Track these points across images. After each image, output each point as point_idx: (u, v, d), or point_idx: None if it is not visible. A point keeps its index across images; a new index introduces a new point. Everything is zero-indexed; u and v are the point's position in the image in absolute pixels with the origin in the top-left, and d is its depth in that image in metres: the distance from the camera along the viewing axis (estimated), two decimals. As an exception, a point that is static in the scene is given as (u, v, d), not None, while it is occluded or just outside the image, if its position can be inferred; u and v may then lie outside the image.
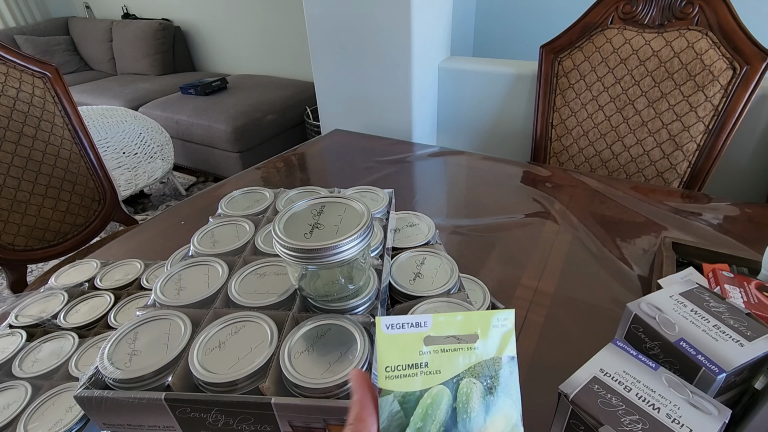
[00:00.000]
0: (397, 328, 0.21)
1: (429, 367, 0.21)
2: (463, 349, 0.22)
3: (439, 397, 0.21)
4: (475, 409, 0.21)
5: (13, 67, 0.91)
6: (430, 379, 0.21)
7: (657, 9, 0.87)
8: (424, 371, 0.21)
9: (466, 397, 0.21)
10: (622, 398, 0.27)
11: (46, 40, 2.84)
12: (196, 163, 2.25)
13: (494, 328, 0.22)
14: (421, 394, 0.21)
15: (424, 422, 0.20)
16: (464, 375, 0.21)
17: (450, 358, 0.21)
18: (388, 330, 0.21)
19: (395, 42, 1.14)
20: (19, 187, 0.92)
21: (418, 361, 0.21)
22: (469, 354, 0.22)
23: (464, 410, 0.21)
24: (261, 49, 2.57)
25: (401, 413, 0.20)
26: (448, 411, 0.21)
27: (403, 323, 0.21)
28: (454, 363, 0.21)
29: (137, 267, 0.55)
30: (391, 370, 0.21)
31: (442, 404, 0.21)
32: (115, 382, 0.30)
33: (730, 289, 0.43)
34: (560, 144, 1.04)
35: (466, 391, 0.21)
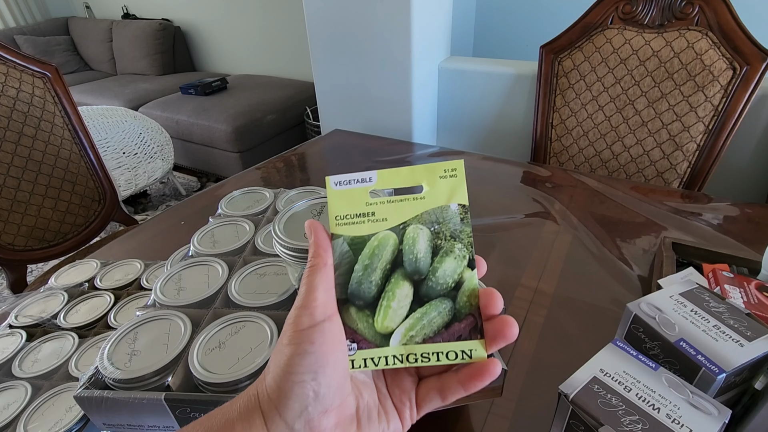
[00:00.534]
0: (345, 184, 0.23)
1: (375, 215, 0.23)
2: (409, 199, 0.23)
3: (385, 240, 0.23)
4: (421, 250, 0.23)
5: (13, 67, 0.91)
6: (376, 225, 0.23)
7: (657, 9, 0.87)
8: (371, 219, 0.23)
9: (412, 241, 0.23)
10: (622, 398, 0.27)
11: (46, 40, 2.84)
12: (196, 163, 2.24)
13: (441, 179, 0.23)
14: (369, 238, 0.23)
15: (371, 260, 0.23)
16: (411, 222, 0.23)
17: (396, 208, 0.23)
18: (336, 186, 0.23)
19: (395, 42, 1.14)
20: (19, 187, 0.92)
21: (365, 211, 0.23)
22: (416, 203, 0.23)
23: (410, 251, 0.23)
24: (261, 49, 2.57)
25: (350, 253, 0.23)
26: (394, 252, 0.23)
27: (350, 180, 0.23)
28: (401, 212, 0.23)
29: (137, 267, 0.55)
30: (340, 219, 0.23)
31: (388, 246, 0.23)
32: (115, 382, 0.30)
33: (730, 290, 0.43)
34: (560, 144, 1.04)
35: (412, 235, 0.23)
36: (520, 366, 0.45)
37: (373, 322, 0.22)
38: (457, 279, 0.22)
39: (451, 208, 0.23)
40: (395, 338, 0.22)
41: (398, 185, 0.23)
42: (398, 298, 0.22)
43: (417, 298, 0.22)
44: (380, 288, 0.22)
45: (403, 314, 0.22)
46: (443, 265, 0.22)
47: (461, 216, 0.23)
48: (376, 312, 0.22)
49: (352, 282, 0.22)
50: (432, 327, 0.22)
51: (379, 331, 0.22)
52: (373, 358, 0.22)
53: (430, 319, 0.22)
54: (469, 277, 0.22)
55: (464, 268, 0.22)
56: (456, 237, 0.23)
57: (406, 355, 0.22)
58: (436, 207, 0.23)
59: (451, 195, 0.23)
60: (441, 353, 0.22)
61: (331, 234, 0.23)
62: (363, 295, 0.22)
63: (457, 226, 0.23)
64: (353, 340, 0.22)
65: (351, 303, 0.22)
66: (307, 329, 0.20)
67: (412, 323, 0.22)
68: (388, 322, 0.22)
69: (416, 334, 0.22)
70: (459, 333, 0.22)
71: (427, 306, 0.22)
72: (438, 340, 0.22)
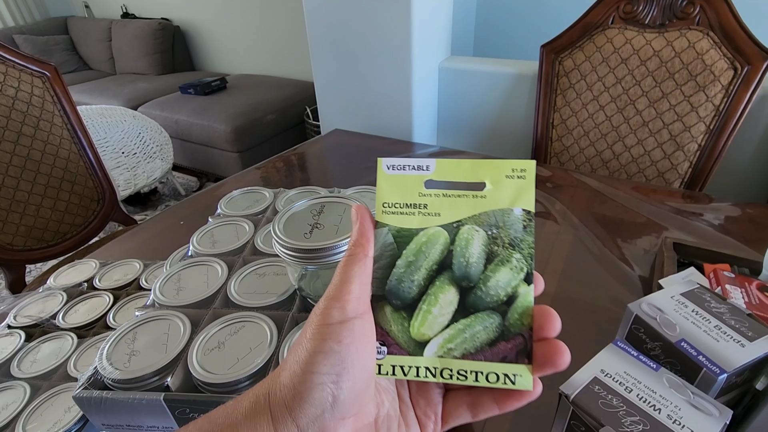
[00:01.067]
0: (398, 169, 0.21)
1: (428, 209, 0.21)
2: (468, 196, 0.21)
3: (435, 237, 0.21)
4: (474, 255, 0.20)
5: (12, 67, 0.90)
6: (427, 219, 0.21)
7: (658, 9, 0.86)
8: (422, 212, 0.21)
9: (465, 242, 0.21)
10: (622, 399, 0.27)
11: (45, 40, 2.84)
12: (196, 163, 2.24)
13: (508, 178, 0.21)
14: (417, 232, 0.21)
15: (416, 257, 0.21)
16: (467, 221, 0.21)
17: (452, 203, 0.21)
18: (388, 170, 0.21)
19: (395, 42, 1.14)
20: (18, 186, 0.92)
21: (416, 201, 0.21)
22: (475, 201, 0.21)
23: (461, 254, 0.21)
24: (261, 48, 2.57)
25: (394, 246, 0.21)
26: (443, 252, 0.21)
27: (405, 165, 0.21)
28: (457, 208, 0.21)
29: (136, 267, 0.55)
30: (388, 206, 0.21)
31: (438, 244, 0.21)
32: (114, 383, 0.30)
33: (731, 290, 0.43)
34: (561, 144, 1.03)
35: (466, 236, 0.21)
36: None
37: (408, 326, 0.20)
38: (510, 292, 0.20)
39: (515, 212, 0.21)
40: (431, 348, 0.20)
41: (458, 179, 0.21)
42: (441, 303, 0.20)
43: (462, 308, 0.20)
44: (422, 289, 0.20)
45: (444, 323, 0.20)
46: (497, 275, 0.20)
47: (524, 223, 0.20)
48: (413, 315, 0.20)
49: (392, 278, 0.20)
50: (474, 342, 0.20)
51: (414, 338, 0.20)
52: (403, 366, 0.20)
53: (473, 332, 0.20)
54: (525, 293, 0.20)
55: (520, 281, 0.20)
56: (515, 245, 0.20)
57: (441, 369, 0.20)
58: (497, 209, 0.21)
59: (516, 198, 0.21)
60: (480, 373, 0.19)
61: (375, 222, 0.21)
62: (402, 295, 0.20)
63: (518, 234, 0.20)
64: (384, 343, 0.20)
65: (387, 301, 0.20)
66: (335, 324, 0.18)
67: (453, 334, 0.20)
68: (426, 329, 0.20)
69: (455, 348, 0.20)
70: (504, 354, 0.19)
71: (473, 318, 0.20)
72: (479, 358, 0.20)
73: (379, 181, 0.21)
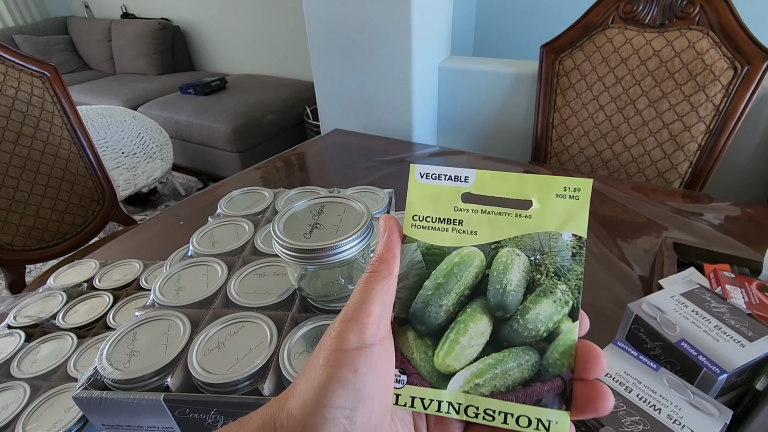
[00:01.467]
0: (433, 179, 0.19)
1: (464, 225, 0.19)
2: (510, 214, 0.19)
3: (469, 259, 0.19)
4: (512, 282, 0.18)
5: (12, 67, 0.90)
6: (463, 238, 0.19)
7: (658, 8, 0.86)
8: (457, 228, 0.19)
9: (503, 267, 0.18)
10: (623, 399, 0.27)
11: (45, 40, 2.84)
12: (196, 163, 2.24)
13: (558, 198, 0.18)
14: (450, 251, 0.19)
15: (447, 279, 0.19)
16: (507, 243, 0.19)
17: (491, 222, 0.19)
18: (422, 179, 0.19)
19: (395, 42, 1.14)
20: (18, 186, 0.92)
21: (451, 216, 0.19)
22: (518, 222, 0.19)
23: (498, 280, 0.18)
24: (260, 48, 2.57)
25: (422, 264, 0.19)
26: (477, 276, 0.19)
27: (441, 174, 0.19)
28: (497, 227, 0.19)
29: (136, 267, 0.54)
30: (418, 220, 0.19)
31: (472, 267, 0.19)
32: (114, 383, 0.30)
33: (732, 290, 0.43)
34: (561, 144, 1.03)
35: (504, 260, 0.18)
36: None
37: (433, 355, 0.18)
38: (551, 328, 0.18)
39: (563, 237, 0.18)
40: (456, 382, 0.18)
41: (501, 194, 0.19)
42: (471, 333, 0.18)
43: (494, 340, 0.18)
44: (451, 316, 0.19)
45: (473, 355, 0.18)
46: (537, 307, 0.18)
47: (574, 250, 0.18)
48: (439, 344, 0.18)
49: (418, 300, 0.19)
50: (506, 380, 0.18)
51: (438, 368, 0.18)
52: (424, 399, 0.18)
53: (505, 369, 0.18)
54: (568, 330, 0.18)
55: (564, 316, 0.18)
56: (561, 275, 0.18)
57: (465, 407, 0.18)
58: (543, 231, 0.18)
59: (567, 221, 0.18)
60: (510, 415, 0.17)
61: (403, 236, 0.19)
62: (427, 320, 0.18)
63: (566, 262, 0.18)
64: (403, 371, 0.18)
65: (410, 326, 0.19)
66: (351, 351, 0.16)
67: (482, 369, 0.18)
68: (452, 360, 0.18)
69: (484, 384, 0.18)
70: (539, 396, 0.17)
71: (506, 353, 0.18)
72: (510, 398, 0.18)
73: (410, 190, 0.19)
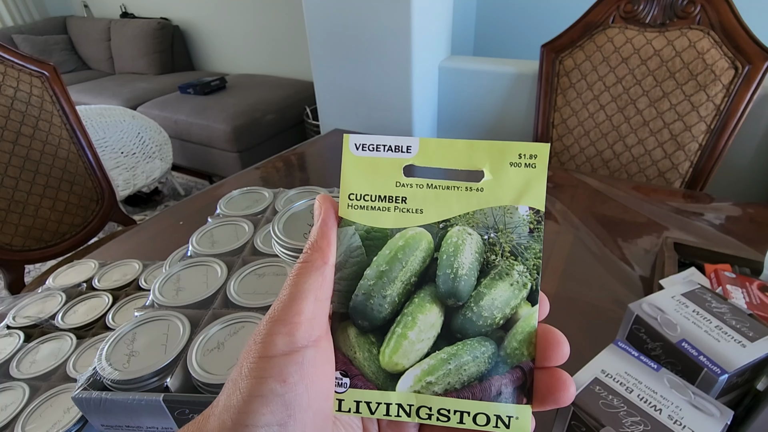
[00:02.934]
0: (370, 150, 0.17)
1: (408, 203, 0.17)
2: (460, 188, 0.17)
3: (415, 241, 0.17)
4: (464, 265, 0.16)
5: (11, 67, 0.90)
6: (407, 218, 0.17)
7: (659, 8, 0.86)
8: (399, 207, 0.17)
9: (453, 249, 0.16)
10: (623, 399, 0.27)
11: (44, 40, 2.83)
12: (195, 163, 2.24)
13: (514, 167, 0.16)
14: (392, 234, 0.17)
15: (390, 267, 0.17)
16: (457, 221, 0.17)
17: (439, 197, 0.17)
18: (357, 150, 0.17)
19: (395, 41, 1.14)
20: (17, 186, 0.92)
21: (393, 194, 0.17)
22: (469, 196, 0.17)
23: (448, 264, 0.16)
24: (260, 48, 2.57)
25: (361, 250, 0.17)
26: (424, 260, 0.17)
27: (379, 144, 0.17)
28: (445, 204, 0.17)
29: (135, 267, 0.54)
30: (355, 199, 0.17)
31: (419, 250, 0.17)
32: (114, 384, 0.30)
33: (732, 290, 0.43)
34: (561, 144, 1.03)
35: (455, 241, 0.17)
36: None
37: (378, 353, 0.16)
38: (509, 314, 0.16)
39: (519, 211, 0.16)
40: (405, 381, 0.16)
41: (448, 165, 0.17)
42: (420, 326, 0.16)
43: (447, 332, 0.17)
44: (396, 308, 0.17)
45: (423, 350, 0.16)
46: (493, 292, 0.16)
47: (531, 226, 0.16)
48: (384, 340, 0.17)
49: (359, 292, 0.17)
50: (461, 376, 0.16)
51: (385, 368, 0.16)
52: (370, 403, 0.16)
53: (459, 363, 0.16)
54: (527, 316, 0.16)
55: (522, 300, 0.16)
56: (518, 255, 0.16)
57: (417, 408, 0.16)
58: (497, 206, 0.17)
59: (523, 193, 0.16)
60: (467, 414, 0.16)
61: (339, 218, 0.17)
62: (370, 314, 0.17)
63: (523, 240, 0.16)
64: (346, 373, 0.16)
65: (351, 321, 0.17)
66: (279, 357, 0.14)
67: (434, 365, 0.16)
68: (400, 358, 0.16)
69: (436, 382, 0.16)
70: (498, 390, 0.16)
71: (460, 345, 0.16)
72: (466, 395, 0.16)
73: (345, 165, 0.17)
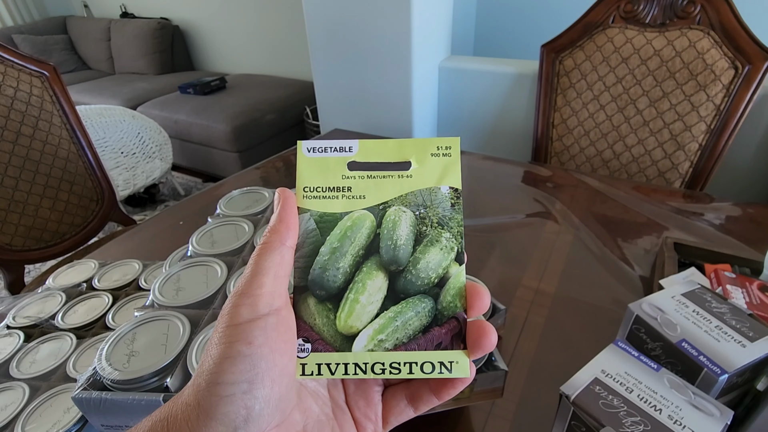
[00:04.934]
0: (319, 152, 0.20)
1: (353, 191, 0.20)
2: (393, 176, 0.20)
3: (360, 221, 0.20)
4: (402, 237, 0.20)
5: (11, 67, 0.90)
6: (353, 203, 0.20)
7: (659, 8, 0.86)
8: (346, 195, 0.20)
9: (392, 224, 0.20)
10: (623, 399, 0.27)
11: (44, 39, 2.83)
12: (195, 163, 2.24)
13: (434, 156, 0.21)
14: (342, 217, 0.20)
15: (341, 243, 0.20)
16: (393, 203, 0.20)
17: (378, 185, 0.20)
18: (309, 153, 0.20)
19: (395, 41, 1.14)
20: (17, 186, 0.92)
21: (340, 185, 0.20)
22: (401, 182, 0.20)
23: (388, 237, 0.20)
24: (260, 48, 2.57)
25: (316, 232, 0.20)
26: (369, 236, 0.20)
27: (327, 147, 0.20)
28: (382, 190, 0.20)
29: (135, 267, 0.54)
30: (309, 191, 0.20)
31: (364, 228, 0.20)
32: (113, 384, 0.30)
33: (732, 290, 0.43)
34: (561, 144, 1.03)
35: (393, 218, 0.20)
36: (521, 367, 0.44)
37: (335, 318, 0.19)
38: (441, 274, 0.19)
39: (442, 190, 0.20)
40: (360, 341, 0.19)
41: (383, 159, 0.20)
42: (369, 291, 0.19)
43: (392, 294, 0.19)
44: (348, 277, 0.19)
45: (373, 312, 0.19)
46: (427, 256, 0.20)
47: (452, 201, 0.20)
48: (340, 306, 0.19)
49: (315, 266, 0.19)
50: (407, 330, 0.19)
51: (341, 331, 0.19)
52: (330, 364, 0.18)
53: (405, 320, 0.19)
54: (456, 273, 0.19)
55: (451, 261, 0.20)
56: (444, 224, 0.20)
57: (372, 365, 0.18)
58: (423, 188, 0.20)
59: (443, 176, 0.20)
60: (415, 364, 0.18)
61: (297, 208, 0.20)
62: (326, 284, 0.19)
63: (447, 212, 0.20)
64: (307, 339, 0.18)
65: (310, 292, 0.19)
66: (244, 324, 0.16)
67: (383, 324, 0.19)
68: (354, 321, 0.19)
69: (387, 338, 0.19)
70: (439, 340, 0.19)
71: (404, 304, 0.19)
72: (413, 348, 0.19)
73: (299, 164, 0.20)
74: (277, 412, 0.16)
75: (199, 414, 0.15)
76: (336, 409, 0.19)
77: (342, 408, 0.19)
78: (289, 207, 0.19)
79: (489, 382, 0.34)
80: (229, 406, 0.15)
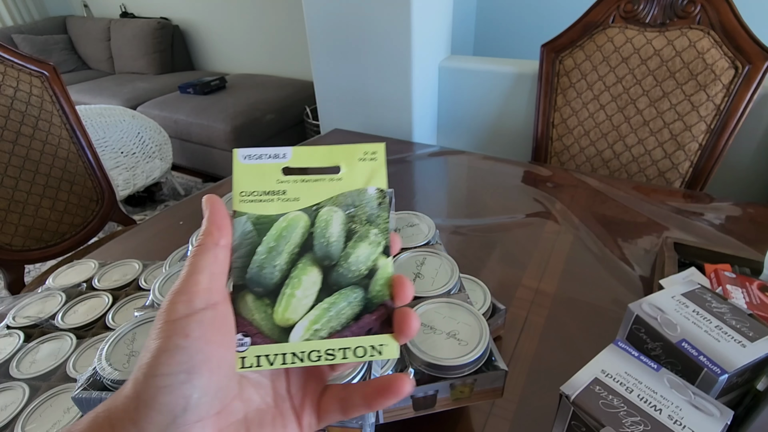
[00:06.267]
0: (255, 158, 0.22)
1: (287, 194, 0.21)
2: (325, 179, 0.22)
3: (295, 222, 0.21)
4: (334, 234, 0.21)
5: (11, 66, 0.90)
6: (287, 205, 0.21)
7: (659, 8, 0.86)
8: (281, 198, 0.21)
9: (324, 223, 0.21)
10: (623, 399, 0.27)
11: (44, 39, 2.83)
12: (195, 163, 2.24)
13: (361, 161, 0.22)
14: (277, 218, 0.21)
15: (277, 242, 0.21)
16: (325, 204, 0.22)
17: (310, 188, 0.22)
18: (244, 160, 0.22)
19: (395, 41, 1.14)
20: (17, 186, 0.92)
21: (275, 189, 0.21)
22: (332, 185, 0.22)
23: (321, 235, 0.21)
24: (260, 48, 2.57)
25: (254, 233, 0.21)
26: (304, 235, 0.21)
27: (261, 154, 0.22)
28: (315, 192, 0.22)
29: (135, 267, 0.54)
30: (246, 195, 0.21)
31: (298, 228, 0.21)
32: (114, 384, 0.30)
33: (732, 290, 0.43)
34: (561, 143, 1.03)
35: (325, 218, 0.21)
36: (520, 367, 0.44)
37: (272, 312, 0.20)
38: (370, 266, 0.21)
39: (369, 191, 0.22)
40: (297, 332, 0.20)
41: (314, 164, 0.22)
42: (304, 285, 0.20)
43: (326, 286, 0.21)
44: (285, 274, 0.20)
45: (309, 304, 0.20)
46: (357, 251, 0.21)
47: (379, 200, 0.22)
48: (277, 301, 0.20)
49: (253, 265, 0.20)
50: (340, 319, 0.20)
51: (279, 324, 0.20)
52: (269, 356, 0.19)
53: (338, 310, 0.20)
54: (384, 265, 0.21)
55: (379, 254, 0.21)
56: (372, 222, 0.21)
57: (308, 352, 0.19)
58: (353, 189, 0.22)
59: (370, 178, 0.22)
60: (348, 349, 0.20)
61: (233, 211, 0.21)
62: (264, 281, 0.20)
63: (374, 211, 0.22)
64: (246, 334, 0.19)
65: (249, 290, 0.20)
66: (181, 318, 0.16)
67: (318, 315, 0.20)
68: (290, 314, 0.20)
69: (322, 327, 0.20)
70: (370, 326, 0.20)
71: (337, 295, 0.20)
72: (346, 334, 0.20)
73: (235, 171, 0.22)
74: (216, 401, 0.17)
75: (138, 405, 0.15)
76: (278, 398, 0.20)
77: (283, 397, 0.20)
78: (217, 210, 0.20)
79: (489, 382, 0.34)
80: (168, 396, 0.15)
